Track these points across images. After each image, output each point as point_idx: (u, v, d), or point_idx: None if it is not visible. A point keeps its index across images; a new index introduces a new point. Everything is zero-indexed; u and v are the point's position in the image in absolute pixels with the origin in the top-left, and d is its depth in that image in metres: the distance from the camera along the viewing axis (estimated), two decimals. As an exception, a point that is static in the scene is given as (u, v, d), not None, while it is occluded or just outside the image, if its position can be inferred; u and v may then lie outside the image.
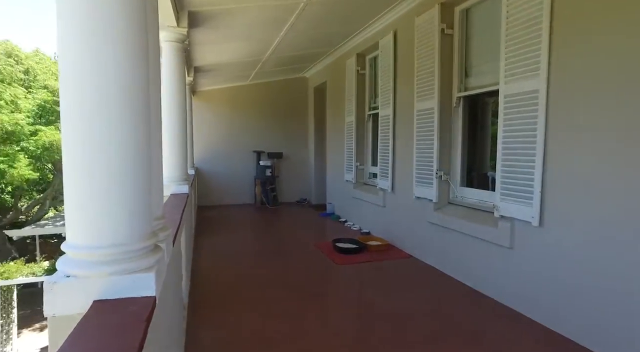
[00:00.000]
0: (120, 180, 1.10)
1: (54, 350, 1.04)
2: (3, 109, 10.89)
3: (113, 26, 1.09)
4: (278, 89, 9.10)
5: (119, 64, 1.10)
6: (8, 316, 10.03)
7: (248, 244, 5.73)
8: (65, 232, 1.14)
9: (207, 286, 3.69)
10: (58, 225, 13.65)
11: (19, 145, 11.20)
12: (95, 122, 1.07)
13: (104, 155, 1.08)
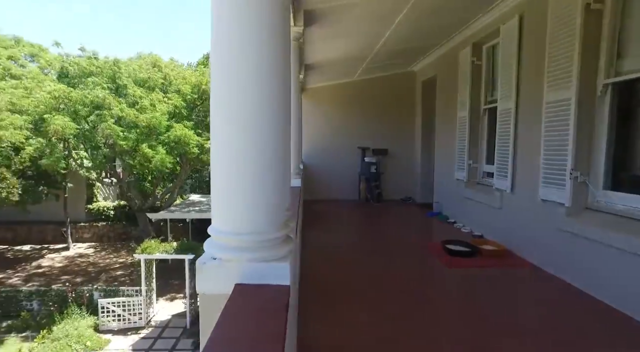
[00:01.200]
0: (261, 173, 1.17)
1: (205, 323, 1.16)
2: (147, 110, 12.87)
3: (260, 32, 1.16)
4: (384, 84, 8.97)
5: (263, 67, 1.16)
6: (149, 285, 11.85)
7: (353, 240, 5.78)
8: (212, 217, 1.25)
9: (312, 281, 3.77)
10: (184, 211, 15.64)
11: (158, 139, 13.08)
12: (242, 119, 1.15)
13: (249, 150, 1.15)
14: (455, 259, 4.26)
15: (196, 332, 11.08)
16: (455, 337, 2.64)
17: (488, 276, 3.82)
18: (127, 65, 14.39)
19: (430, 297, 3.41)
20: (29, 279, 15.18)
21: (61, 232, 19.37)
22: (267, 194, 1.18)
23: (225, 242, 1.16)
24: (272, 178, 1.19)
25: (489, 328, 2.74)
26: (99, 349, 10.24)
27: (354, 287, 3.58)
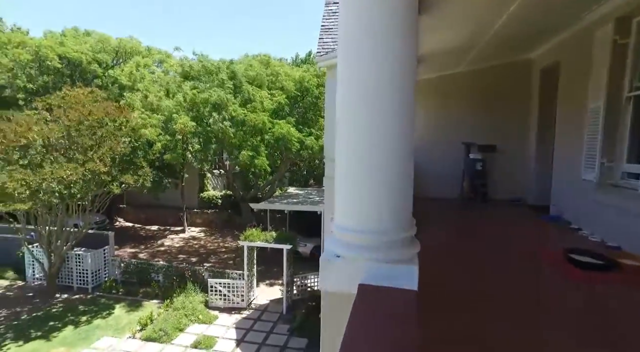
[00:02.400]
0: (387, 171, 1.11)
1: (326, 319, 1.16)
2: (256, 109, 13.85)
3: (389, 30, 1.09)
4: (494, 74, 8.22)
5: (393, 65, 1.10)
6: (251, 270, 12.76)
7: (457, 241, 5.42)
8: (335, 213, 1.24)
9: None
10: (283, 203, 16.45)
11: (262, 138, 13.97)
12: (370, 117, 1.10)
13: (376, 148, 1.11)
14: (582, 271, 3.69)
15: (292, 319, 11.63)
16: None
17: (630, 296, 3.22)
18: (239, 65, 15.62)
19: (554, 315, 3.00)
20: (155, 255, 17.56)
21: (179, 217, 22.00)
22: (393, 193, 1.11)
23: (348, 240, 1.14)
24: (397, 176, 1.12)
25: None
26: (208, 322, 11.38)
27: (461, 296, 3.33)
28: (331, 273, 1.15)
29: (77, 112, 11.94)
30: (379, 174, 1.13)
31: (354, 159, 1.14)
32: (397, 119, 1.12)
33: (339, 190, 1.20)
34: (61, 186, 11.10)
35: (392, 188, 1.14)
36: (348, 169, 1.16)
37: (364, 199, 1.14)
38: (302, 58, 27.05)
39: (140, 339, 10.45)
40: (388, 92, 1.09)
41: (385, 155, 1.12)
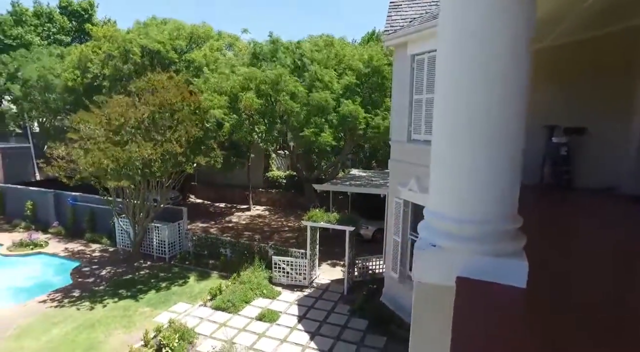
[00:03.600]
0: (495, 155, 0.98)
1: (418, 309, 1.08)
2: (320, 89, 13.82)
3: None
4: (583, 49, 7.26)
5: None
6: (313, 250, 13.03)
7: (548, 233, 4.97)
8: (429, 199, 1.14)
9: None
10: (345, 184, 16.44)
11: (326, 118, 13.94)
12: (483, 93, 0.97)
13: (488, 124, 0.97)
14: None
15: (353, 300, 11.74)
16: None
17: None
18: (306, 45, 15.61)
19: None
20: (224, 230, 18.65)
21: (245, 195, 23.04)
22: (499, 179, 0.98)
23: (446, 229, 1.03)
24: (505, 160, 0.98)
25: None
26: (272, 297, 11.90)
27: (566, 300, 3.03)
28: (425, 263, 1.05)
29: (159, 96, 12.83)
30: (485, 158, 0.99)
31: (455, 141, 1.01)
32: (511, 96, 0.97)
33: (435, 175, 1.09)
34: (143, 164, 12.12)
35: (498, 173, 1.01)
36: (447, 151, 1.04)
37: (465, 185, 1.02)
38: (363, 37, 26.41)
39: (211, 308, 11.23)
40: (504, 67, 0.94)
41: (495, 137, 0.98)
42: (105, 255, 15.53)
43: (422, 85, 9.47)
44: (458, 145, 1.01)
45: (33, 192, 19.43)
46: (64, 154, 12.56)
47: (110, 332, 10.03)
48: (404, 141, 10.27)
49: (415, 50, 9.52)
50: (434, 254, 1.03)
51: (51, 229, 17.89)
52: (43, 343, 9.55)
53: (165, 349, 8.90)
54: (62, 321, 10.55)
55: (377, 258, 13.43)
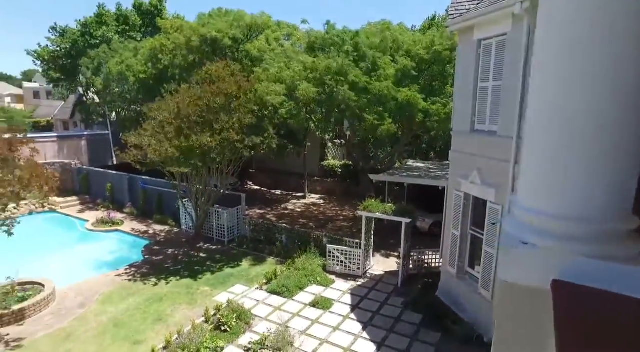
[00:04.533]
0: (608, 138, 0.84)
1: (502, 312, 0.98)
2: (380, 77, 13.54)
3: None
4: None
5: None
6: (368, 240, 12.94)
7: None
8: (519, 192, 1.02)
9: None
10: (402, 175, 16.05)
11: (385, 106, 13.63)
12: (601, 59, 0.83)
13: (601, 100, 0.83)
14: None
15: (407, 293, 11.52)
16: None
17: None
18: (362, 34, 15.34)
19: None
20: (279, 217, 19.14)
21: (300, 183, 23.41)
22: (614, 168, 0.84)
23: (541, 225, 0.91)
24: (618, 150, 0.84)
25: None
26: (325, 285, 12.03)
27: None
28: (514, 262, 0.94)
29: (217, 86, 13.34)
30: (596, 145, 0.85)
31: (559, 123, 0.88)
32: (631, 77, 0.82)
33: (529, 163, 0.97)
34: (203, 151, 12.74)
35: (611, 164, 0.86)
36: (547, 136, 0.91)
37: (569, 177, 0.88)
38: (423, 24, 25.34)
39: (266, 291, 11.62)
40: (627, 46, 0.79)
41: (609, 119, 0.84)
42: (171, 235, 16.66)
43: (488, 72, 8.88)
44: (563, 129, 0.88)
45: (111, 176, 21.34)
46: (136, 142, 13.55)
47: (176, 306, 10.77)
48: (467, 131, 9.75)
49: (482, 34, 8.93)
50: (525, 253, 0.92)
51: (126, 210, 19.56)
52: (121, 310, 10.53)
53: (224, 327, 9.38)
54: (136, 292, 11.53)
55: (434, 252, 13.03)
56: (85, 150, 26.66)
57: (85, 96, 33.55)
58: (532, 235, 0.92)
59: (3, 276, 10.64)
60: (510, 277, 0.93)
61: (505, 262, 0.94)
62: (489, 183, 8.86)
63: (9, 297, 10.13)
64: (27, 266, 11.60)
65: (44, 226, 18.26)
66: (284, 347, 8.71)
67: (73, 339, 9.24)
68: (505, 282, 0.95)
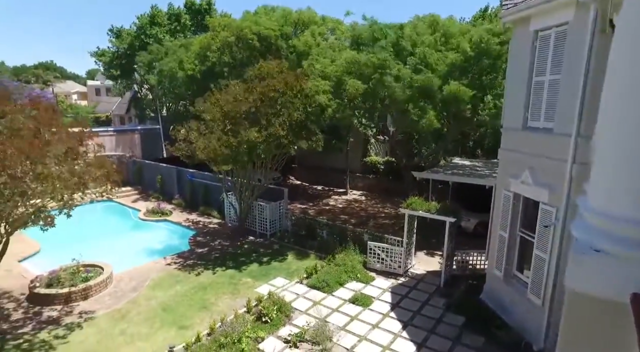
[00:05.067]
0: None
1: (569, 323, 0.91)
2: (424, 71, 13.16)
3: None
4: None
5: None
6: (410, 238, 12.70)
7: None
8: (590, 193, 0.93)
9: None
10: (447, 173, 15.57)
11: (429, 100, 13.24)
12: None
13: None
14: None
15: (449, 294, 11.20)
16: None
17: None
18: (407, 28, 14.98)
19: None
20: (321, 212, 19.26)
21: (342, 179, 23.38)
22: None
23: (617, 232, 0.83)
24: None
25: None
26: (365, 282, 11.96)
27: None
28: (584, 271, 0.87)
29: (266, 82, 13.58)
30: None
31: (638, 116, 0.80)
32: None
33: (602, 160, 0.89)
34: (250, 147, 13.04)
35: None
36: (624, 130, 0.83)
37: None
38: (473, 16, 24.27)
39: (306, 285, 11.75)
40: None
41: None
42: (215, 227, 17.29)
43: (545, 65, 8.35)
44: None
45: (161, 168, 22.47)
46: (185, 137, 14.13)
47: (219, 296, 11.18)
48: (518, 128, 9.26)
49: (539, 24, 8.40)
50: (599, 262, 0.84)
51: (174, 201, 20.53)
52: (169, 296, 11.11)
53: (265, 318, 9.61)
54: (183, 280, 12.10)
55: (479, 253, 12.55)
56: (138, 144, 28.28)
57: (140, 92, 35.50)
58: (606, 241, 0.84)
59: (69, 258, 11.59)
60: (579, 287, 0.86)
61: (574, 269, 0.87)
62: (542, 183, 8.37)
63: (76, 276, 11.07)
64: (88, 249, 12.51)
65: (102, 213, 19.62)
66: (323, 342, 8.77)
67: (127, 320, 9.87)
68: (573, 291, 0.87)
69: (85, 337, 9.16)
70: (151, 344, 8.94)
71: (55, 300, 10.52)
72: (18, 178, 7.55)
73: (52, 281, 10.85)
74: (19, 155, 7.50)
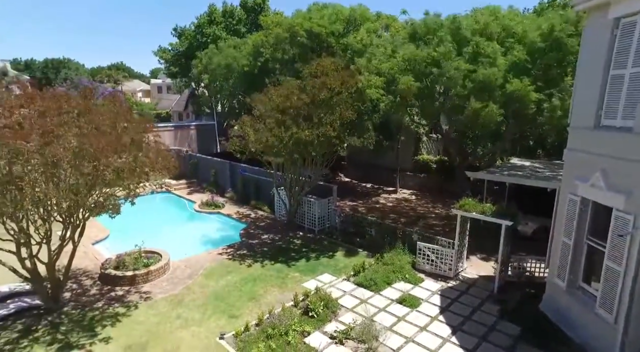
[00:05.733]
0: None
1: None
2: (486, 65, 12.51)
3: None
4: None
5: None
6: (462, 241, 12.22)
7: None
8: None
9: None
10: (504, 174, 14.73)
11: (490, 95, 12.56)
12: None
13: None
14: None
15: (504, 301, 10.64)
16: None
17: None
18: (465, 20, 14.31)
19: None
20: (369, 210, 19.09)
21: (392, 178, 22.99)
22: None
23: None
24: None
25: None
26: (414, 283, 11.68)
27: None
28: None
29: (321, 80, 13.63)
30: None
31: None
32: None
33: None
34: (301, 144, 13.19)
35: None
36: None
37: None
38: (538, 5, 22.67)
39: (353, 283, 11.70)
40: None
41: None
42: (265, 221, 17.73)
43: (626, 57, 7.58)
44: None
45: (215, 162, 23.46)
46: (238, 132, 14.59)
47: (267, 288, 11.46)
48: (589, 127, 8.53)
49: (621, 10, 7.59)
50: None
51: (227, 194, 21.36)
52: (221, 285, 11.58)
53: (311, 313, 9.70)
54: (233, 271, 12.55)
55: (538, 260, 11.79)
56: (194, 139, 29.73)
57: (197, 90, 37.27)
58: None
59: (133, 244, 12.48)
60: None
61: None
62: (617, 188, 7.63)
63: (138, 261, 11.94)
64: (148, 237, 13.36)
65: (161, 204, 20.89)
66: (369, 341, 8.69)
67: (183, 305, 10.43)
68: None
69: (146, 318, 9.81)
70: (204, 329, 9.37)
71: (122, 281, 11.43)
72: (100, 170, 8.27)
73: (119, 264, 11.80)
74: (106, 148, 8.21)
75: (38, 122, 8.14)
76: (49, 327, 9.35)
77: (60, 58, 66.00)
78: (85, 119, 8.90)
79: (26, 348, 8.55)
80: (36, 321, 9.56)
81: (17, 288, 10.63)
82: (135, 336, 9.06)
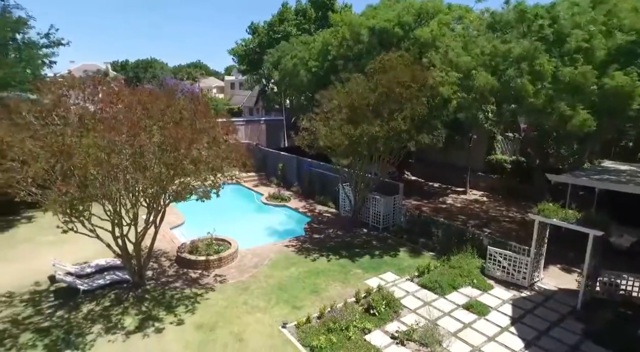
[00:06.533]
0: None
1: None
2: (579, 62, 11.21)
3: None
4: None
5: None
6: (539, 248, 11.28)
7: None
8: None
9: None
10: (593, 178, 13.25)
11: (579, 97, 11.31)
12: None
13: None
14: None
15: (588, 319, 9.64)
16: None
17: None
18: (561, 7, 12.90)
19: None
20: (436, 210, 18.38)
21: (462, 178, 21.88)
22: None
23: None
24: None
25: None
26: (482, 289, 11.04)
27: None
28: None
29: (392, 75, 13.35)
30: None
31: None
32: None
33: None
34: (370, 140, 13.03)
35: None
36: None
37: None
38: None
39: (417, 284, 11.37)
40: None
41: None
42: (329, 216, 17.89)
43: None
44: None
45: (283, 157, 24.14)
46: (306, 126, 14.81)
47: (330, 283, 11.56)
48: None
49: None
50: None
51: (293, 188, 21.90)
52: (284, 276, 11.94)
53: (373, 311, 9.61)
54: (297, 263, 12.86)
55: (635, 277, 10.46)
56: (264, 133, 30.88)
57: (267, 86, 38.60)
58: None
59: (205, 231, 13.36)
60: None
61: None
62: None
63: (210, 247, 12.77)
64: (218, 225, 14.16)
65: (231, 195, 22.00)
66: (432, 345, 8.41)
67: (248, 293, 10.93)
68: None
69: (216, 301, 10.44)
70: (268, 317, 9.74)
71: (197, 265, 12.29)
72: (180, 160, 8.97)
73: (192, 249, 12.71)
74: (184, 139, 8.89)
75: (127, 116, 9.02)
76: (135, 300, 10.42)
77: (148, 58, 72.54)
78: (168, 115, 9.66)
79: (117, 316, 9.67)
80: (125, 293, 10.72)
81: (111, 262, 11.98)
82: (205, 316, 9.71)
